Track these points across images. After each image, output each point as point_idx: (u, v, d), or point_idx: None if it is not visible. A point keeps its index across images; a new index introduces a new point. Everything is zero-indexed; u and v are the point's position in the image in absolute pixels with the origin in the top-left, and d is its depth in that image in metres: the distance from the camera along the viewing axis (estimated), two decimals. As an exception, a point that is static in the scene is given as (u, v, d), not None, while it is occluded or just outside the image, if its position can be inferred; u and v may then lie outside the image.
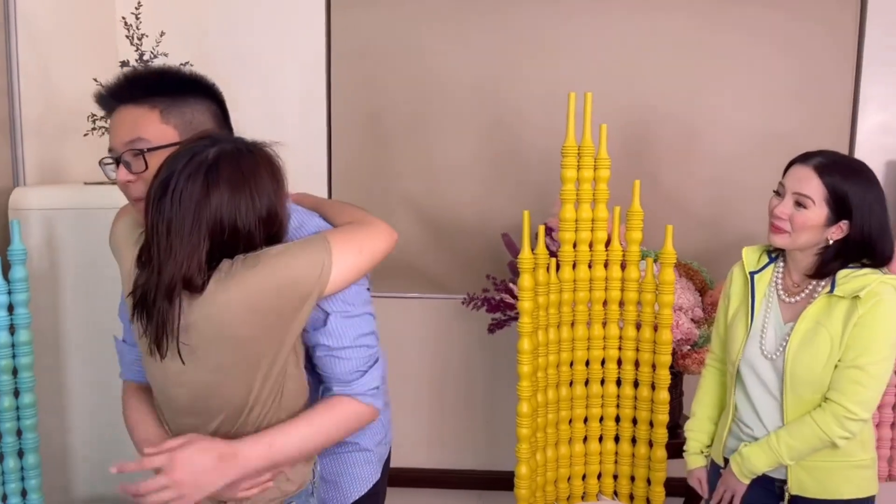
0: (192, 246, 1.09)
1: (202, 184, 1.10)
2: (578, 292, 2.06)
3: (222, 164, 1.11)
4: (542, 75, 2.78)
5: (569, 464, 2.11)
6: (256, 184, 1.13)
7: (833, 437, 1.49)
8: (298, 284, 1.12)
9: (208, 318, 1.10)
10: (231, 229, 1.10)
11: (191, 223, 1.09)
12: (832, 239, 1.52)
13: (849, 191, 1.49)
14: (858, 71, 2.77)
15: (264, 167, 1.15)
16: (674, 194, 2.82)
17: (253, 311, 1.10)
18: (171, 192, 1.10)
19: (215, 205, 1.09)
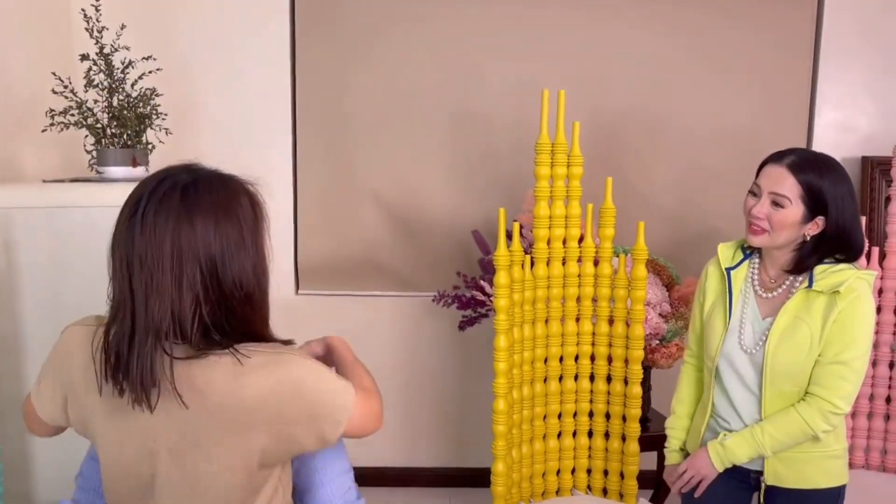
0: (177, 277, 0.97)
1: (179, 206, 0.98)
2: (552, 289, 2.07)
3: (201, 187, 1.01)
4: (510, 72, 2.78)
5: (543, 459, 2.12)
6: (240, 213, 1.03)
7: (817, 431, 1.53)
8: (327, 406, 1.06)
9: (228, 392, 0.99)
10: (220, 263, 0.99)
11: (170, 250, 0.97)
12: (809, 235, 1.55)
13: (823, 187, 1.52)
14: (815, 70, 2.85)
15: (244, 196, 1.06)
16: (639, 190, 2.86)
17: (279, 406, 1.01)
18: (142, 216, 0.99)
19: (199, 230, 0.98)
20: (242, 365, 1.01)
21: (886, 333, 2.22)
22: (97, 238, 2.01)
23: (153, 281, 0.98)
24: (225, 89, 2.78)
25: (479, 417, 2.93)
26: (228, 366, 1.01)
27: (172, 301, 0.99)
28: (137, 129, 2.23)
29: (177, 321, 0.99)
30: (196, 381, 1.01)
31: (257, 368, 1.02)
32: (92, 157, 2.25)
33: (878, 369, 2.23)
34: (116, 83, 2.20)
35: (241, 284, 1.02)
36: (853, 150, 2.88)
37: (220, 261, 1.01)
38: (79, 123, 2.18)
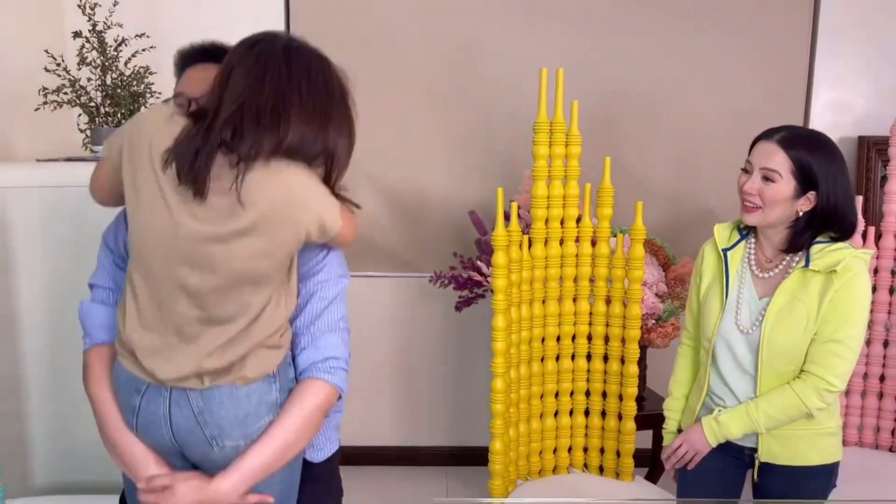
0: (268, 87, 1.19)
1: (285, 52, 1.27)
2: (550, 269, 2.07)
3: (304, 51, 1.29)
4: (508, 51, 2.76)
5: (540, 438, 2.14)
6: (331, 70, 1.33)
7: (811, 409, 1.54)
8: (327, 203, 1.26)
9: (256, 191, 1.16)
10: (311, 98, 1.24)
11: (268, 80, 1.20)
12: (801, 211, 1.56)
13: (813, 162, 1.53)
14: (813, 49, 2.84)
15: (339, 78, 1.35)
16: (636, 170, 2.85)
17: (293, 192, 1.20)
18: (255, 47, 1.25)
19: (294, 75, 1.24)
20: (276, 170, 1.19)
21: (881, 312, 2.23)
22: (91, 217, 2.00)
23: (240, 102, 1.18)
24: (219, 67, 2.75)
25: (476, 396, 2.95)
26: (271, 170, 1.18)
27: (246, 117, 1.17)
28: (131, 107, 2.21)
29: (244, 136, 1.17)
30: (245, 183, 1.16)
31: (283, 173, 1.20)
32: (86, 135, 2.23)
33: (873, 348, 2.25)
34: (109, 61, 2.18)
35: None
36: (850, 129, 2.88)
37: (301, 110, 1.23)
38: (72, 102, 2.15)
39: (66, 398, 1.99)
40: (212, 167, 1.16)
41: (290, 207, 1.20)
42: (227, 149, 1.16)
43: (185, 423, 1.22)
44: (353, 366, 2.32)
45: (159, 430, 1.24)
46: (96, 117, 2.20)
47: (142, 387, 1.24)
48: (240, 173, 1.16)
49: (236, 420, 1.22)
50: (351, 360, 1.31)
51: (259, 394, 1.24)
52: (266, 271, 1.21)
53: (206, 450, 1.23)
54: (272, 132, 1.18)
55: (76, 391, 1.97)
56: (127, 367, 1.25)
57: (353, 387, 2.24)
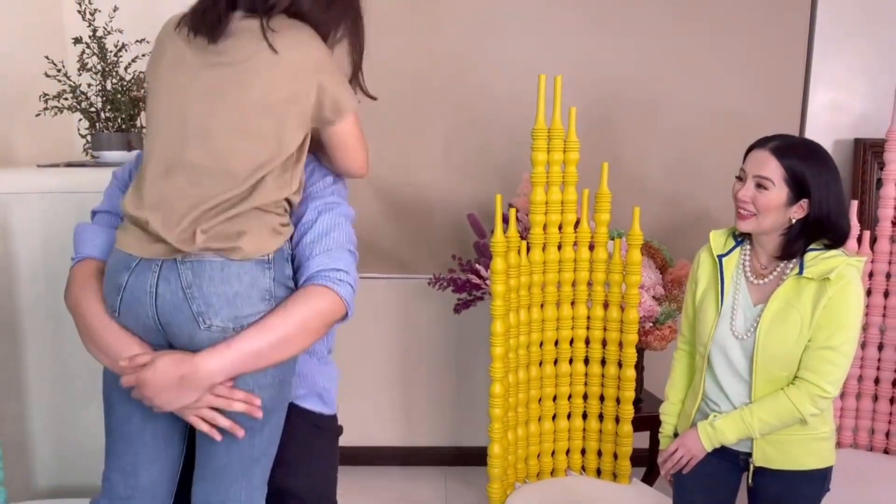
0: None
1: None
2: (548, 273, 2.08)
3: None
4: (506, 54, 2.77)
5: (538, 441, 2.16)
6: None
7: (805, 414, 1.57)
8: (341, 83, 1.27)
9: (275, 39, 1.18)
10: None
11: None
12: (794, 218, 1.58)
13: (806, 170, 1.55)
14: (810, 52, 2.86)
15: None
16: (633, 173, 2.87)
17: (312, 51, 1.22)
18: None
19: None
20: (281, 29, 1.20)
21: (876, 316, 2.25)
22: (93, 223, 2.02)
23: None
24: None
25: (474, 397, 2.97)
26: (296, 27, 1.22)
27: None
28: (132, 112, 2.22)
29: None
30: (248, 25, 1.20)
31: (296, 34, 1.22)
32: (86, 141, 2.24)
33: (867, 351, 2.27)
34: (110, 66, 2.19)
35: None
36: (846, 132, 2.90)
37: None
38: (73, 108, 2.16)
39: (68, 402, 2.01)
40: (227, 22, 1.20)
41: (310, 63, 1.22)
42: (243, 7, 1.21)
43: (172, 297, 1.17)
44: (352, 366, 2.34)
45: (143, 309, 1.18)
46: (97, 122, 2.21)
47: (132, 263, 1.19)
48: (262, 20, 1.19)
49: (225, 298, 1.17)
50: (350, 361, 1.31)
51: (252, 275, 1.18)
52: (266, 131, 1.20)
53: (193, 329, 1.17)
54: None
55: (78, 395, 1.99)
56: (123, 248, 1.21)
57: (352, 387, 2.27)
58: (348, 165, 1.34)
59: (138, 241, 1.20)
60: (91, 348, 1.26)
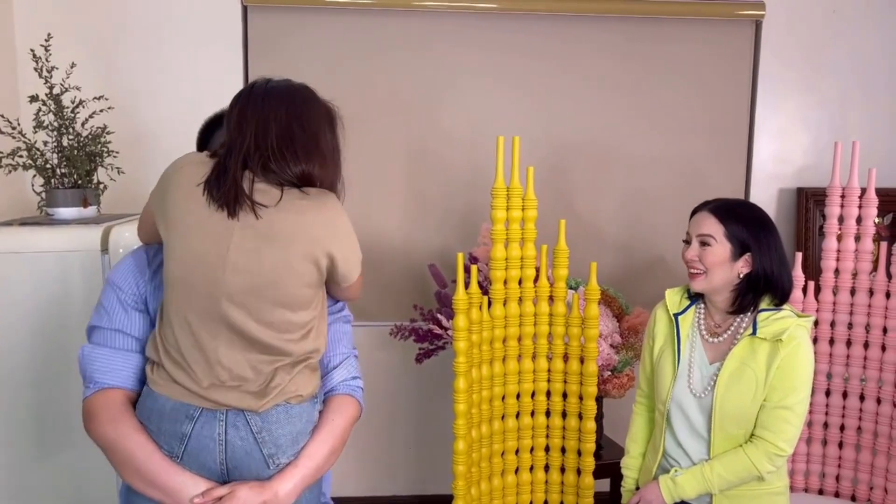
0: (263, 131, 1.31)
1: (265, 89, 1.36)
2: (509, 328, 2.12)
3: (285, 84, 1.39)
4: (463, 109, 2.82)
5: (502, 495, 2.17)
6: (318, 101, 1.43)
7: (762, 472, 1.62)
8: (351, 246, 1.46)
9: (290, 215, 1.30)
10: (298, 120, 1.34)
11: (259, 111, 1.32)
12: (741, 273, 1.65)
13: (745, 228, 1.65)
14: (753, 104, 2.99)
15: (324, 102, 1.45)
16: (588, 223, 2.94)
17: (325, 226, 1.36)
18: (261, 88, 1.37)
19: (278, 103, 1.34)
20: (306, 195, 1.34)
21: (823, 363, 2.34)
22: (46, 283, 1.98)
23: (256, 129, 1.32)
24: (177, 125, 2.73)
25: (437, 444, 2.96)
26: (293, 194, 1.33)
27: (265, 147, 1.31)
28: (88, 168, 2.20)
29: (265, 160, 1.31)
30: (266, 198, 1.30)
31: (310, 200, 1.34)
32: (41, 198, 2.21)
33: (816, 397, 2.35)
34: (66, 123, 2.17)
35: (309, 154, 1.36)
36: (790, 181, 3.03)
37: (304, 131, 1.36)
38: (27, 165, 2.13)
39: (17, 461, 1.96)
40: (244, 189, 1.29)
41: (329, 232, 1.36)
42: (261, 175, 1.31)
43: (243, 443, 1.28)
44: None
45: (210, 454, 1.27)
46: (52, 178, 2.18)
47: (195, 412, 1.27)
48: (282, 193, 1.31)
49: (291, 437, 1.32)
50: None
51: (308, 413, 1.37)
52: (293, 290, 1.32)
53: (261, 469, 1.30)
54: (294, 162, 1.33)
55: (49, 453, 1.93)
56: (173, 396, 1.28)
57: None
58: (347, 298, 1.57)
59: (194, 395, 1.27)
60: (140, 485, 1.29)
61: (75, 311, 1.97)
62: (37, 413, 1.95)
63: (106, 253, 1.99)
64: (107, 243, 1.99)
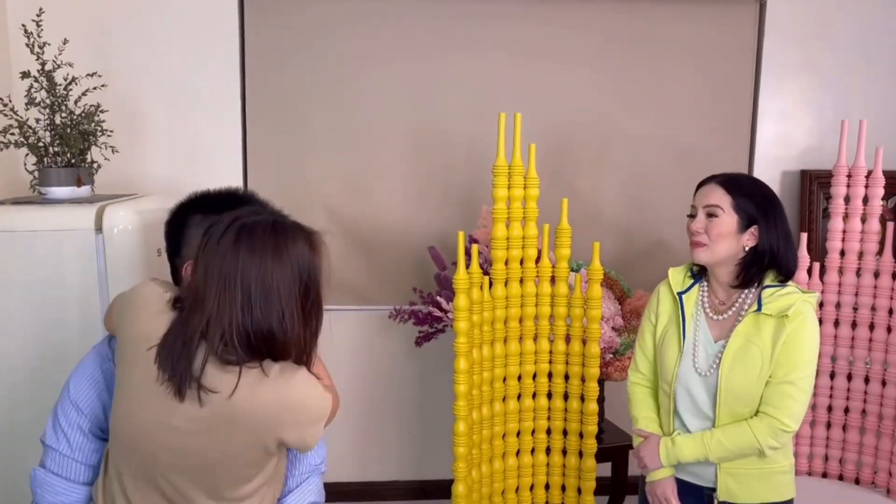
0: (227, 298, 1.16)
1: (235, 240, 1.18)
2: (511, 308, 2.09)
3: (256, 229, 1.20)
4: (465, 87, 2.78)
5: (503, 478, 2.14)
6: (291, 252, 1.20)
7: (763, 446, 1.59)
8: (315, 410, 1.27)
9: (244, 405, 1.18)
10: (265, 290, 1.17)
11: (224, 273, 1.17)
12: (747, 246, 1.62)
13: (752, 202, 1.62)
14: (757, 86, 2.95)
15: (302, 239, 1.24)
16: (590, 205, 2.90)
17: (280, 414, 1.21)
18: (206, 250, 1.20)
19: (245, 262, 1.17)
20: (264, 379, 1.19)
21: (827, 345, 2.31)
22: (40, 263, 1.94)
23: (220, 292, 1.17)
24: (173, 104, 2.70)
25: (436, 429, 2.94)
26: (252, 376, 1.19)
27: (227, 319, 1.17)
28: (81, 147, 2.16)
29: (225, 336, 1.17)
30: (219, 384, 1.18)
31: (269, 383, 1.20)
32: (34, 177, 2.17)
33: (820, 379, 2.33)
34: (59, 100, 2.13)
35: (272, 329, 1.19)
36: (793, 163, 2.99)
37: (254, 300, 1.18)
38: (19, 143, 2.10)
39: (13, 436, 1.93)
40: (195, 371, 1.17)
41: (285, 418, 1.23)
42: (218, 354, 1.18)
43: None
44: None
45: None
46: (45, 157, 2.14)
47: None
48: (239, 378, 1.18)
49: None
50: None
51: None
52: (236, 472, 1.25)
53: None
54: (260, 340, 1.19)
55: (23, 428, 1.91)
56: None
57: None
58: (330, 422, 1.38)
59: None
60: None
61: (69, 291, 1.94)
62: (31, 394, 1.92)
63: (100, 232, 1.95)
64: (101, 223, 1.96)
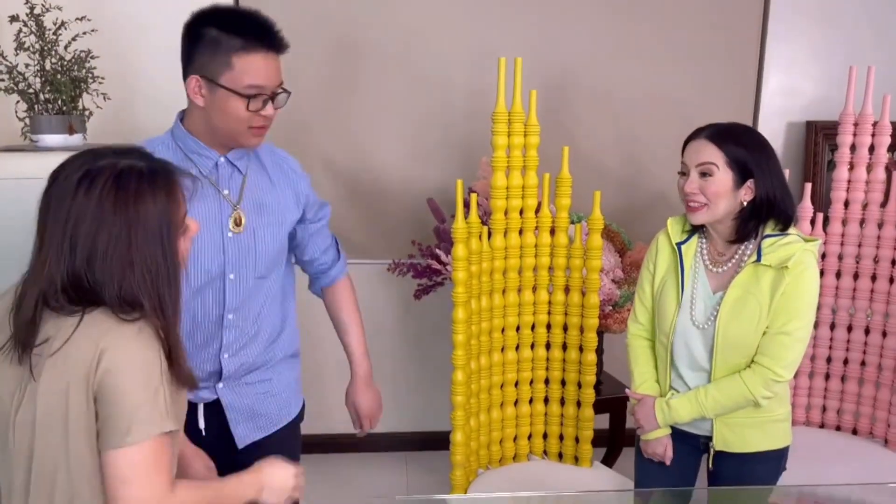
0: (53, 252, 1.05)
1: (76, 188, 1.05)
2: (510, 259, 2.06)
3: (97, 180, 1.05)
4: (463, 38, 2.73)
5: (500, 427, 2.15)
6: (138, 208, 1.05)
7: (757, 397, 1.58)
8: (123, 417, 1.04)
9: (68, 361, 1.03)
10: (91, 249, 1.04)
11: (56, 224, 1.05)
12: (745, 201, 1.58)
13: (746, 153, 1.56)
14: (763, 36, 2.88)
15: (160, 190, 1.08)
16: (590, 157, 2.86)
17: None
18: (51, 188, 1.08)
19: (79, 212, 1.04)
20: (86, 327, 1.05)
21: (828, 296, 2.30)
22: (32, 210, 1.92)
23: (39, 253, 1.08)
24: (165, 50, 2.62)
25: (436, 382, 2.95)
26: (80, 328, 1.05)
27: (51, 272, 1.06)
28: (72, 94, 2.12)
29: (46, 291, 1.06)
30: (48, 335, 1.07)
31: (89, 334, 1.05)
32: (25, 124, 2.14)
33: (820, 331, 2.32)
34: (48, 46, 2.08)
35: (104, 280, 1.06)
36: (799, 114, 2.94)
37: (98, 254, 1.05)
38: (9, 89, 2.06)
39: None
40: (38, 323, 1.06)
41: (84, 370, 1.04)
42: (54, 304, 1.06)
43: None
44: (310, 354, 2.29)
45: None
46: (35, 104, 2.10)
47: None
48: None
49: None
50: (309, 348, 1.31)
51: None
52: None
53: None
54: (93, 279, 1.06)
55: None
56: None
57: (310, 375, 2.22)
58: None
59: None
60: None
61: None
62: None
63: (93, 180, 1.92)
64: (94, 170, 1.93)
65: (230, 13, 1.45)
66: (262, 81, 1.41)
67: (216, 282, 1.49)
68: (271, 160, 1.60)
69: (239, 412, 1.57)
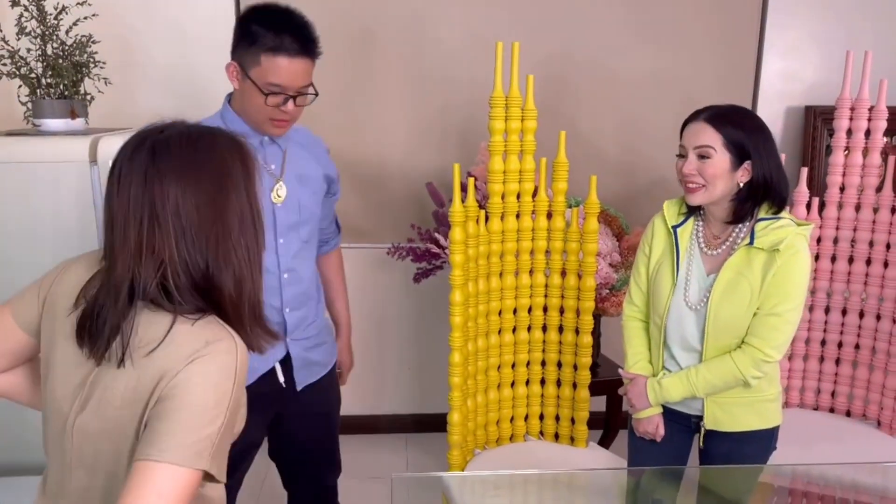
0: (134, 240, 0.97)
1: (145, 166, 0.98)
2: (507, 243, 2.09)
3: (172, 145, 0.99)
4: (462, 22, 2.73)
5: (497, 408, 2.18)
6: (215, 169, 1.00)
7: (747, 377, 1.61)
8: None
9: (176, 373, 0.96)
10: (179, 220, 0.97)
11: (138, 212, 0.97)
12: (742, 182, 1.60)
13: (743, 133, 1.58)
14: (763, 20, 2.88)
15: (229, 152, 1.03)
16: (588, 141, 2.88)
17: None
18: (117, 177, 1.00)
19: (157, 192, 0.97)
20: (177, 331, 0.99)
21: (823, 280, 2.32)
22: (35, 194, 1.95)
23: (122, 241, 0.99)
24: (167, 34, 2.66)
25: (434, 364, 2.99)
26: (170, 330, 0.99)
27: (135, 264, 0.99)
28: (74, 78, 2.14)
29: (139, 284, 0.99)
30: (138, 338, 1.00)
31: (182, 343, 0.98)
32: (27, 108, 2.15)
33: (815, 314, 2.34)
34: (50, 30, 2.09)
35: (206, 260, 1.00)
36: (798, 99, 2.95)
37: (186, 227, 0.99)
38: (11, 74, 2.07)
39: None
40: (123, 328, 0.99)
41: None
42: (153, 304, 1.00)
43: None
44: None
45: None
46: (37, 89, 2.12)
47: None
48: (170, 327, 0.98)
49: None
50: None
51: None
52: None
53: None
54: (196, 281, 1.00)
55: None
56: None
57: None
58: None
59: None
60: None
61: (65, 222, 1.94)
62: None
63: (95, 164, 1.95)
64: (95, 154, 1.95)
65: (274, 13, 1.55)
66: (283, 82, 1.51)
67: (270, 245, 1.64)
68: (305, 139, 1.77)
69: (301, 361, 1.75)
